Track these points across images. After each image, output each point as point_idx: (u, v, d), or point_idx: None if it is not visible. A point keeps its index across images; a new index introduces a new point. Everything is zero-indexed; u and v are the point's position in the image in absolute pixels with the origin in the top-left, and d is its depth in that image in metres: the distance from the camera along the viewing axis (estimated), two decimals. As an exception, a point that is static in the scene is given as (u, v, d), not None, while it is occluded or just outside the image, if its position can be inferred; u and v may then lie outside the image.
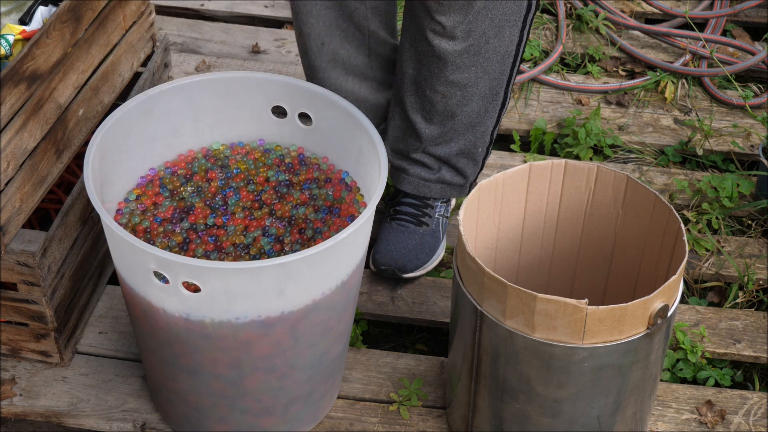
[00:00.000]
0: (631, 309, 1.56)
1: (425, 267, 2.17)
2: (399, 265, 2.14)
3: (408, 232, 2.16)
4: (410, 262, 2.15)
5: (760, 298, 2.20)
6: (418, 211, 2.18)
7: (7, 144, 1.74)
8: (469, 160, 2.15)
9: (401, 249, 2.14)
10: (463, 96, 2.03)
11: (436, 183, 2.17)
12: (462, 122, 2.07)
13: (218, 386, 1.74)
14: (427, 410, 1.96)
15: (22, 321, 1.92)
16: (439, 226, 2.20)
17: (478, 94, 2.03)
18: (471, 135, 2.10)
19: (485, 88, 2.03)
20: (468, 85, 2.01)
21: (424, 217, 2.18)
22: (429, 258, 2.17)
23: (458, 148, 2.12)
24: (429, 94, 2.04)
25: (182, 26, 2.86)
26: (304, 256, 1.55)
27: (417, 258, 2.15)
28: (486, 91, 2.03)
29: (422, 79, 2.03)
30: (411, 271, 2.15)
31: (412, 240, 2.16)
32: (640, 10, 2.95)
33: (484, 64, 1.99)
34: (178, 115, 1.88)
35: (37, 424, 1.94)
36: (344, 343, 1.85)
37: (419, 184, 2.17)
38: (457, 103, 2.04)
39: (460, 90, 2.02)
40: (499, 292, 1.59)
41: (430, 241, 2.18)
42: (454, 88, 2.01)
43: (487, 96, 2.04)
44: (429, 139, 2.11)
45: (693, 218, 2.32)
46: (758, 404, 1.99)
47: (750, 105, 2.64)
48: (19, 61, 1.75)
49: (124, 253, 1.65)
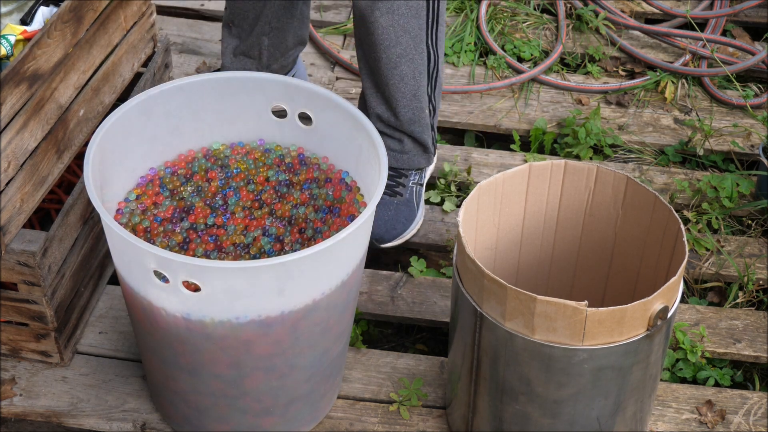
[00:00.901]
0: (630, 311, 1.56)
1: (403, 236, 2.25)
2: (376, 235, 2.21)
3: (382, 203, 2.23)
4: (387, 232, 2.22)
5: (760, 298, 2.20)
6: (392, 182, 2.26)
7: (8, 144, 1.75)
8: (423, 126, 2.23)
9: (377, 220, 2.21)
10: (388, 59, 2.11)
11: (401, 153, 2.25)
12: (401, 90, 2.16)
13: (218, 386, 1.74)
14: (427, 410, 1.97)
15: (22, 321, 1.92)
16: (413, 196, 2.27)
17: (404, 56, 2.12)
18: (415, 102, 2.18)
19: (409, 48, 2.11)
20: (391, 46, 2.10)
21: (398, 187, 2.26)
22: (406, 228, 2.24)
23: (409, 117, 2.20)
24: (368, 60, 2.15)
25: (182, 26, 2.86)
26: (304, 255, 1.55)
27: (394, 228, 2.23)
28: (410, 51, 2.12)
29: (360, 42, 2.14)
30: (389, 241, 2.23)
31: (387, 211, 2.23)
32: (640, 10, 2.95)
33: (401, 21, 2.07)
34: (178, 115, 1.88)
35: (37, 424, 1.94)
36: (344, 343, 1.85)
37: (390, 156, 2.25)
38: (387, 65, 2.13)
39: (384, 52, 2.11)
40: (498, 293, 1.59)
41: (405, 211, 2.25)
42: (378, 49, 2.10)
43: (414, 57, 2.13)
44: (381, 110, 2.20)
45: (693, 218, 2.32)
46: (758, 404, 1.99)
47: (750, 105, 2.64)
48: (20, 61, 1.75)
49: (124, 253, 1.65)
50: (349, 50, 2.79)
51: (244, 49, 2.38)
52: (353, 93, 2.64)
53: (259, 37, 2.35)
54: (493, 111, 2.63)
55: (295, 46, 2.42)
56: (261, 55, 2.38)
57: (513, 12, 2.92)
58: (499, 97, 2.67)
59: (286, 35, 2.36)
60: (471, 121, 2.60)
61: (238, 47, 2.38)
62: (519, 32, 2.87)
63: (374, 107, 2.21)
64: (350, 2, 2.94)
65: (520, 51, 2.80)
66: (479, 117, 2.61)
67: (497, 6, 2.93)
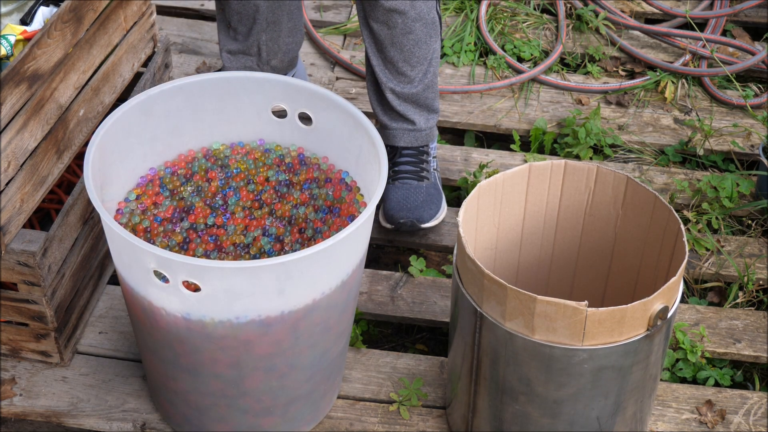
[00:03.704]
0: (630, 311, 1.56)
1: (438, 217, 2.28)
2: (417, 215, 2.23)
3: (413, 188, 2.25)
4: (426, 212, 2.24)
5: (760, 297, 2.20)
6: (416, 167, 2.28)
7: (8, 144, 1.75)
8: (435, 93, 2.26)
9: (413, 202, 2.23)
10: (404, 23, 2.12)
11: (417, 131, 2.27)
12: (415, 56, 2.17)
13: (218, 386, 1.74)
14: (427, 410, 1.97)
15: (22, 321, 1.92)
16: (437, 180, 2.31)
17: (419, 19, 2.13)
18: (429, 67, 2.21)
19: (423, 11, 2.13)
20: (405, 11, 2.11)
21: (422, 172, 2.28)
22: (438, 210, 2.28)
23: (425, 83, 2.22)
24: (376, 28, 2.14)
25: (182, 26, 2.86)
26: (304, 255, 1.55)
27: (430, 209, 2.25)
28: (423, 13, 2.14)
29: (367, 15, 2.14)
30: (428, 221, 2.25)
31: (419, 195, 2.25)
32: (640, 10, 2.95)
33: None
34: (178, 115, 1.88)
35: (37, 424, 1.94)
36: (344, 343, 1.85)
37: (408, 135, 2.27)
38: (401, 32, 2.13)
39: (401, 17, 2.11)
40: (498, 293, 1.59)
41: (435, 194, 2.28)
42: (394, 15, 2.11)
43: (426, 19, 2.15)
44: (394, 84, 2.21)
45: (693, 218, 2.32)
46: (758, 404, 1.99)
47: (750, 105, 2.64)
48: (20, 61, 1.75)
49: (124, 253, 1.65)
50: (349, 50, 2.79)
51: (243, 49, 2.38)
52: (353, 93, 2.64)
53: (258, 35, 2.35)
54: (493, 111, 2.63)
55: (291, 37, 2.41)
56: (260, 52, 2.38)
57: (513, 12, 2.92)
58: (499, 97, 2.67)
59: (280, 28, 2.37)
60: (471, 121, 2.60)
61: (237, 47, 2.38)
62: (519, 32, 2.87)
63: (387, 82, 2.22)
64: (350, 2, 2.94)
65: (520, 51, 2.80)
66: (479, 117, 2.61)
67: (497, 6, 2.93)
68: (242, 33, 2.35)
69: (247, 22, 2.33)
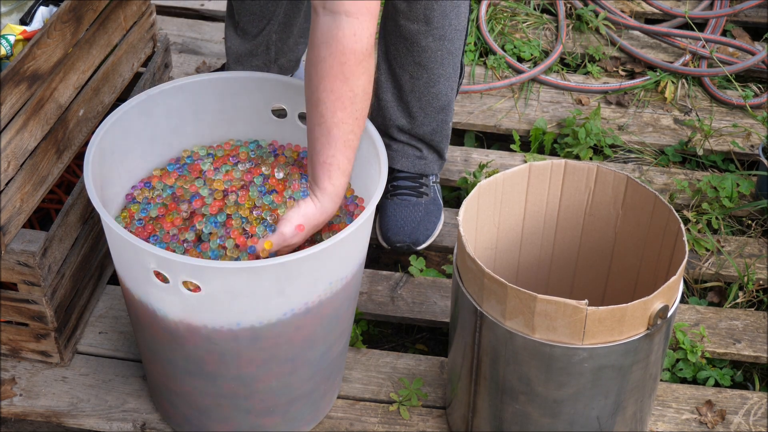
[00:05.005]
0: (630, 310, 1.56)
1: (433, 235, 2.26)
2: (413, 239, 2.22)
3: (411, 205, 2.24)
4: (422, 234, 2.23)
5: (760, 298, 2.20)
6: (415, 183, 2.27)
7: (8, 144, 1.75)
8: (443, 137, 2.25)
9: (411, 223, 2.22)
10: (429, 78, 2.11)
11: (420, 159, 2.26)
12: (432, 105, 2.16)
13: (219, 386, 1.74)
14: (427, 410, 1.97)
15: (22, 321, 1.92)
16: (436, 194, 2.30)
17: (444, 75, 2.12)
18: (442, 115, 2.20)
19: (449, 68, 2.12)
20: (435, 68, 2.10)
21: (422, 188, 2.27)
22: (435, 226, 2.27)
23: (432, 128, 2.21)
24: (401, 77, 2.13)
25: (182, 26, 2.86)
26: (304, 256, 1.55)
27: (426, 229, 2.24)
28: (450, 70, 2.13)
29: (392, 58, 2.12)
30: (423, 243, 2.24)
31: (417, 212, 2.24)
32: (640, 10, 2.95)
33: (448, 45, 2.07)
34: (178, 115, 1.88)
35: (37, 424, 1.94)
36: (344, 342, 1.85)
37: (408, 162, 2.26)
38: (426, 84, 2.13)
39: (426, 72, 2.10)
40: (498, 292, 1.59)
41: (434, 209, 2.27)
42: (421, 69, 2.10)
43: (451, 75, 2.14)
44: (403, 123, 2.20)
45: (693, 218, 2.32)
46: (758, 404, 1.99)
47: (750, 105, 2.64)
48: (19, 61, 1.75)
49: (124, 253, 1.65)
50: (349, 50, 2.78)
51: (251, 48, 2.37)
52: (353, 93, 2.64)
53: (269, 35, 2.34)
54: (493, 111, 2.63)
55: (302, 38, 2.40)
56: (269, 50, 2.36)
57: (513, 12, 2.92)
58: (499, 97, 2.67)
59: (292, 29, 2.36)
60: (471, 121, 2.60)
61: (244, 46, 2.37)
62: (519, 32, 2.87)
63: (395, 119, 2.20)
64: None
65: (520, 51, 2.80)
66: (479, 117, 2.61)
67: (497, 6, 2.93)
68: (251, 33, 2.34)
69: (260, 23, 2.31)
